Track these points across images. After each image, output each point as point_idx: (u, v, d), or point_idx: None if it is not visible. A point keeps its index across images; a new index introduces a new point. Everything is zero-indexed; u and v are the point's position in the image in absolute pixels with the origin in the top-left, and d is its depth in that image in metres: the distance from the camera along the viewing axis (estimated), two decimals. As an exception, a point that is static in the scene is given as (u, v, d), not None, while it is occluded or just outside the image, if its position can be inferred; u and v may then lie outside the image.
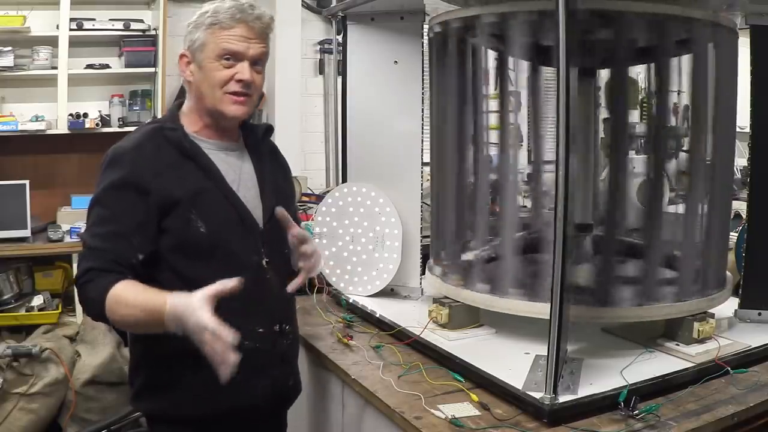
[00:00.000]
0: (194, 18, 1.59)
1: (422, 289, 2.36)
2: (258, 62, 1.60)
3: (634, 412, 1.45)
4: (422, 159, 2.33)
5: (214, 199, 1.57)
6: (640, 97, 2.19)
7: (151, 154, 1.54)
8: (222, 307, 1.47)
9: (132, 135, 1.61)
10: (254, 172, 1.69)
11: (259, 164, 1.71)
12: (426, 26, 2.26)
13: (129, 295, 1.43)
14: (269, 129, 1.79)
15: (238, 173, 1.65)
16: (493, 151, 2.09)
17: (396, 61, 2.33)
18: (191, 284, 1.44)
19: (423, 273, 2.31)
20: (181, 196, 1.52)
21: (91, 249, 1.49)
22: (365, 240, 2.34)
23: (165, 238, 1.53)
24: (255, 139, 1.73)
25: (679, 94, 1.95)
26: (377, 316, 2.13)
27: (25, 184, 3.73)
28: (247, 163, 1.69)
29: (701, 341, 1.79)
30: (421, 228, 2.35)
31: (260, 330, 1.60)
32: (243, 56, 1.56)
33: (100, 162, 1.56)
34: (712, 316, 1.84)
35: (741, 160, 2.32)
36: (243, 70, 1.57)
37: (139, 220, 1.50)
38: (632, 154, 2.05)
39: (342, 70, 2.47)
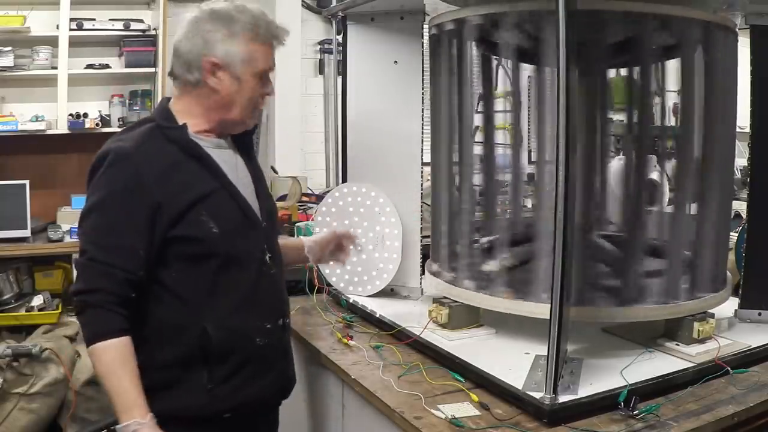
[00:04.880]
0: (224, 22, 1.51)
1: (422, 289, 2.36)
2: None
3: (634, 412, 1.45)
4: (422, 159, 2.33)
5: (223, 199, 1.56)
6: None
7: (155, 155, 1.49)
8: (232, 305, 1.52)
9: (129, 134, 1.55)
10: (247, 170, 1.68)
11: (249, 162, 1.70)
12: (426, 26, 2.26)
13: (117, 366, 1.42)
14: (255, 126, 1.73)
15: (236, 171, 1.64)
16: (493, 151, 2.09)
17: (396, 61, 2.33)
18: (179, 296, 1.48)
19: (423, 273, 2.31)
20: (192, 199, 1.49)
21: (97, 263, 1.43)
22: (365, 240, 2.34)
23: (174, 246, 1.48)
24: (242, 136, 1.69)
25: (678, 94, 1.95)
26: (377, 316, 2.13)
27: (25, 184, 3.73)
28: (240, 160, 1.68)
29: (701, 341, 1.78)
30: (421, 228, 2.35)
31: (268, 326, 1.60)
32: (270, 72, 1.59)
33: (95, 159, 1.49)
34: (712, 316, 1.83)
35: (741, 160, 2.32)
36: (272, 86, 1.61)
37: (145, 233, 1.45)
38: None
39: (342, 70, 2.47)
